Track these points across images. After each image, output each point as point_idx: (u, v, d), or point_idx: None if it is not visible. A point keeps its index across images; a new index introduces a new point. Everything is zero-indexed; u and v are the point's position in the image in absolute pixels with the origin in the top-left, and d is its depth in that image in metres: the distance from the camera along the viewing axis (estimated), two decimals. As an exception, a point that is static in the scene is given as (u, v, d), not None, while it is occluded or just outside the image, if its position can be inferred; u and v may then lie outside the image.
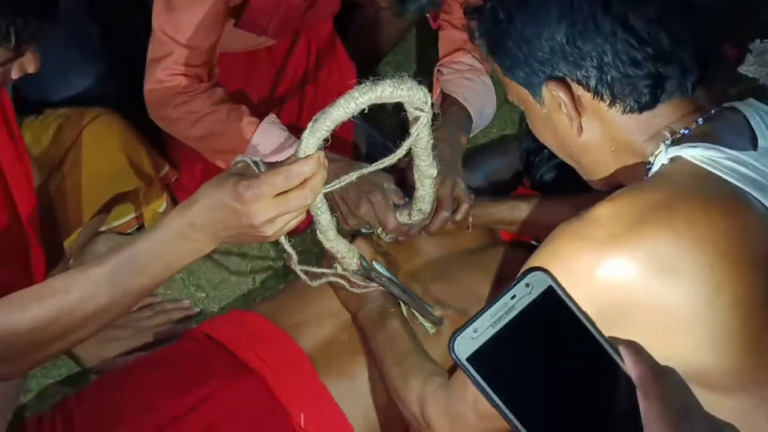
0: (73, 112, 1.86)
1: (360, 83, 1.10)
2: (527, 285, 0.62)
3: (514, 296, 0.62)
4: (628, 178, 1.14)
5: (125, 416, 1.43)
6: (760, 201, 1.00)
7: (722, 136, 1.06)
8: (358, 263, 1.42)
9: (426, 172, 1.38)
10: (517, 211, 1.67)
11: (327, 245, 1.34)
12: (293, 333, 1.54)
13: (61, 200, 1.80)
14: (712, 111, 1.11)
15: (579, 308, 0.63)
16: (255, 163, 1.10)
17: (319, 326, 1.57)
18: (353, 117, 1.14)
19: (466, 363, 0.61)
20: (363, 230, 1.62)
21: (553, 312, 0.63)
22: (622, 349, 0.63)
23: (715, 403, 0.95)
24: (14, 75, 1.31)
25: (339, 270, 1.44)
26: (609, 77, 1.07)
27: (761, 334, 0.97)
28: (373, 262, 1.49)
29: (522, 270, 0.63)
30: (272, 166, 1.10)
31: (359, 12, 2.18)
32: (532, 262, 1.05)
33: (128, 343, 1.77)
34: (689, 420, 0.62)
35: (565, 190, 1.66)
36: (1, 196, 1.51)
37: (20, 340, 1.19)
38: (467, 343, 0.61)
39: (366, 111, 1.15)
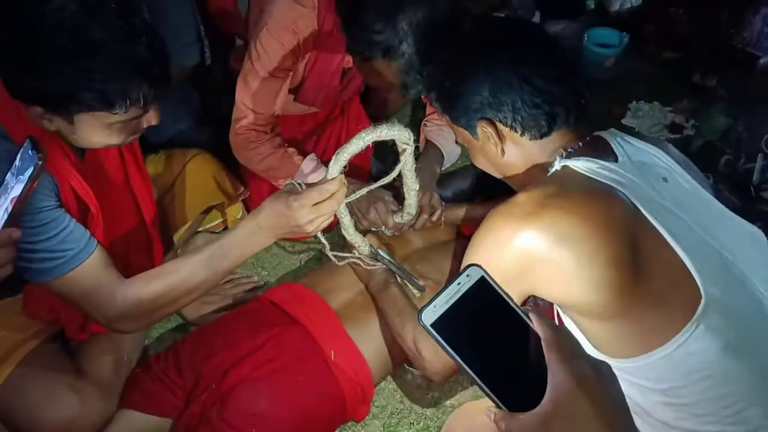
0: (179, 152, 1.87)
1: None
2: (468, 275, 0.64)
3: (460, 283, 0.64)
4: (534, 181, 1.15)
5: (215, 351, 1.51)
6: (622, 192, 1.01)
7: (595, 153, 1.09)
8: (369, 250, 1.48)
9: (411, 187, 1.46)
10: (472, 212, 1.76)
11: (348, 238, 1.41)
12: (325, 297, 1.62)
13: (172, 210, 1.83)
14: (588, 138, 1.13)
15: (501, 288, 0.65)
16: (299, 184, 1.20)
17: (343, 292, 1.63)
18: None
19: (430, 328, 0.63)
20: (372, 228, 1.68)
21: (486, 293, 0.65)
22: (531, 315, 0.65)
23: (596, 326, 1.01)
24: (143, 126, 1.28)
25: (356, 254, 1.51)
26: (520, 117, 1.10)
27: (625, 283, 0.96)
28: (379, 249, 1.56)
29: (463, 265, 0.68)
30: (309, 186, 1.19)
31: (375, 92, 2.19)
32: (476, 234, 1.08)
33: (217, 305, 1.80)
34: (576, 359, 0.63)
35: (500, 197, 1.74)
36: (134, 207, 1.52)
37: (144, 305, 1.29)
38: (430, 315, 0.63)
39: (373, 146, 1.27)
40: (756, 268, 1.04)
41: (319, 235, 1.25)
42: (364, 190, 1.30)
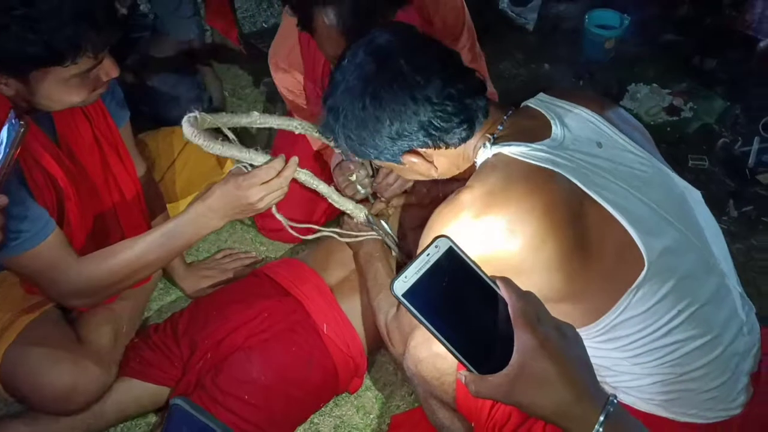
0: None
1: None
2: (436, 246, 0.66)
3: (429, 254, 0.65)
4: (469, 172, 1.13)
5: (210, 322, 1.55)
6: (559, 172, 1.00)
7: (524, 131, 1.07)
8: (364, 215, 1.45)
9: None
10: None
11: (337, 205, 1.39)
12: (321, 273, 1.65)
13: (173, 186, 1.88)
14: (510, 112, 1.11)
15: (470, 258, 0.67)
16: (245, 166, 1.21)
17: (339, 269, 1.66)
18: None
19: (401, 298, 0.64)
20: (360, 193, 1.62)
21: (454, 262, 0.66)
22: (498, 282, 0.67)
23: (550, 308, 1.04)
24: (103, 78, 1.24)
25: (344, 227, 1.53)
26: (437, 135, 1.06)
27: (575, 266, 0.98)
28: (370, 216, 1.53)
29: (432, 237, 0.67)
30: (256, 168, 1.21)
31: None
32: (424, 236, 1.07)
33: (215, 279, 1.83)
34: (542, 322, 0.66)
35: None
36: (115, 189, 1.52)
37: (99, 282, 1.34)
38: (401, 285, 0.64)
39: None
40: (690, 222, 1.07)
41: (275, 212, 1.27)
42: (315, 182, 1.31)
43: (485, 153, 1.09)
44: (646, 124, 2.30)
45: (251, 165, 1.22)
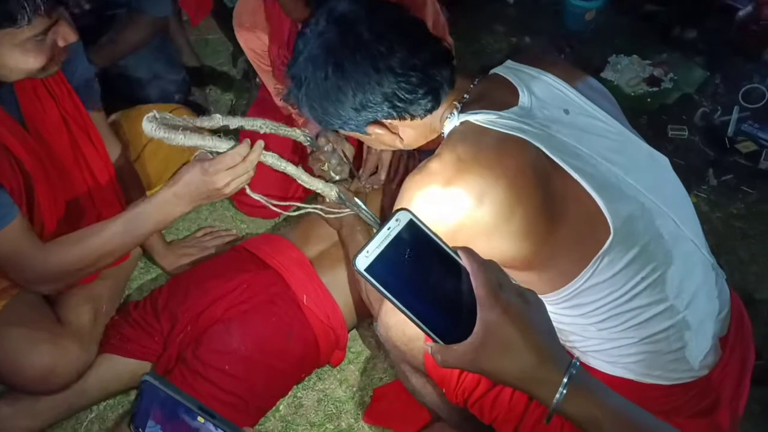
0: (156, 106, 1.75)
1: None
2: (397, 220, 0.66)
3: (390, 228, 0.65)
4: (437, 143, 1.11)
5: (190, 296, 1.56)
6: (527, 140, 1.00)
7: (492, 100, 1.05)
8: (336, 194, 1.42)
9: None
10: None
11: (306, 186, 1.36)
12: (301, 246, 1.65)
13: (151, 165, 1.84)
14: (476, 81, 1.10)
15: (430, 230, 0.67)
16: (211, 152, 1.20)
17: (319, 243, 1.67)
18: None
19: (364, 273, 0.64)
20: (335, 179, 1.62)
21: (415, 235, 0.66)
22: (459, 252, 0.68)
23: (516, 276, 1.01)
24: (60, 44, 1.22)
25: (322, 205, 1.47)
26: (401, 107, 1.04)
27: (543, 233, 0.99)
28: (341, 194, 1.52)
29: (393, 210, 0.67)
30: (221, 154, 1.19)
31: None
32: (396, 206, 1.04)
33: (195, 257, 1.84)
34: (503, 289, 0.66)
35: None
36: (87, 172, 1.52)
37: (64, 268, 1.33)
38: (363, 260, 0.64)
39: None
40: (656, 188, 1.07)
41: (249, 192, 1.25)
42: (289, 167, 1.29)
43: (452, 122, 1.08)
44: (627, 95, 2.30)
45: (215, 152, 1.20)
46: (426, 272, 0.66)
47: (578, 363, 0.68)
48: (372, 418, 1.58)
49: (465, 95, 1.09)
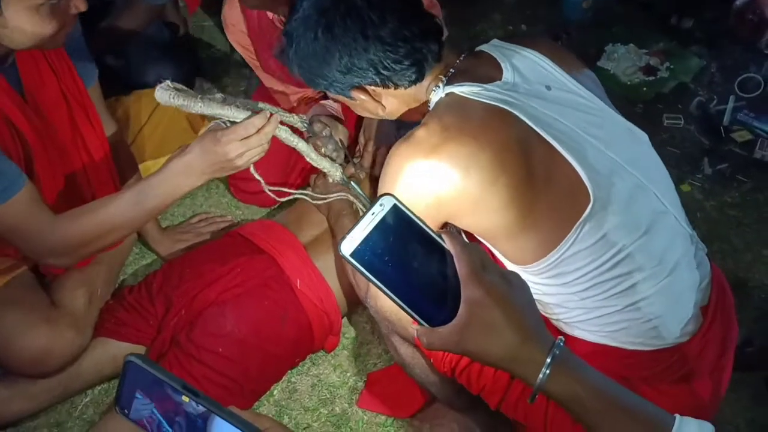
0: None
1: None
2: (381, 204, 0.66)
3: (374, 213, 0.65)
4: (421, 113, 1.14)
5: (184, 279, 1.57)
6: (511, 111, 1.03)
7: (477, 74, 1.08)
8: (340, 175, 1.43)
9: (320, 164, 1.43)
10: None
11: (314, 164, 1.38)
12: (295, 231, 1.66)
13: (144, 148, 1.86)
14: (462, 56, 1.13)
15: (414, 214, 0.67)
16: (224, 123, 1.20)
17: (311, 229, 1.67)
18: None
19: (349, 258, 0.64)
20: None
21: (399, 219, 0.66)
22: (443, 235, 0.68)
23: (506, 245, 1.09)
24: (73, 11, 1.23)
25: (312, 190, 1.52)
26: (386, 75, 1.07)
27: (526, 201, 1.02)
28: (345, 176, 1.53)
29: (378, 195, 0.67)
30: (236, 124, 1.19)
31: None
32: (383, 175, 1.08)
33: (190, 242, 1.84)
34: (486, 272, 0.67)
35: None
36: (82, 148, 1.51)
37: (73, 241, 1.31)
38: (348, 245, 0.64)
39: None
40: (635, 161, 1.10)
41: (253, 171, 1.26)
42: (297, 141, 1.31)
43: (438, 94, 1.10)
44: (623, 84, 2.31)
45: (231, 123, 1.20)
46: (410, 256, 0.67)
47: (562, 343, 0.69)
48: (366, 403, 1.59)
49: (451, 69, 1.11)
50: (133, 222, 1.32)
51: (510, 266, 1.12)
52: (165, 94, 1.17)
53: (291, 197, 1.36)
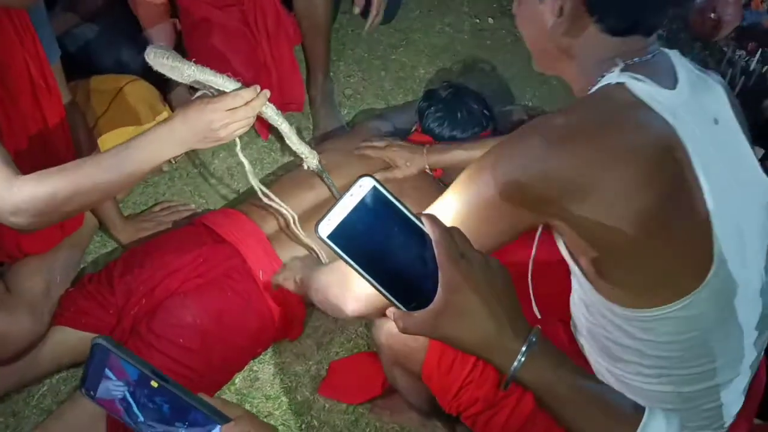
0: (115, 77, 1.86)
1: None
2: (360, 186, 0.64)
3: (352, 194, 0.64)
4: (566, 78, 1.02)
5: (146, 268, 1.55)
6: (673, 128, 0.89)
7: (657, 73, 0.94)
8: (316, 163, 1.44)
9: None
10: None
11: (293, 148, 1.38)
12: (258, 222, 1.65)
13: (105, 132, 1.78)
14: (656, 52, 0.97)
15: (394, 196, 0.65)
16: (211, 93, 1.20)
17: (275, 219, 1.67)
18: None
19: (326, 239, 0.63)
20: None
21: (379, 201, 0.64)
22: (423, 219, 0.66)
23: (611, 267, 0.94)
24: None
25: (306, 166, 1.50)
26: (600, 4, 0.92)
27: (657, 226, 0.89)
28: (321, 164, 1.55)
29: (357, 177, 0.64)
30: (225, 94, 1.18)
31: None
32: (504, 144, 0.94)
33: (153, 230, 1.83)
34: (465, 257, 0.66)
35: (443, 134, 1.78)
36: (41, 119, 1.47)
37: (41, 199, 1.22)
38: (325, 227, 0.63)
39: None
40: (762, 233, 1.00)
41: (239, 151, 1.26)
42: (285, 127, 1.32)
43: (611, 76, 0.94)
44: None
45: (214, 92, 1.19)
46: (389, 239, 0.65)
47: (538, 332, 0.68)
48: (327, 391, 1.61)
49: (635, 58, 0.95)
50: (108, 186, 1.27)
51: (597, 299, 0.99)
52: (156, 58, 1.15)
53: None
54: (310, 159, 1.39)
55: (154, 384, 0.71)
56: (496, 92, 2.26)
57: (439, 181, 1.75)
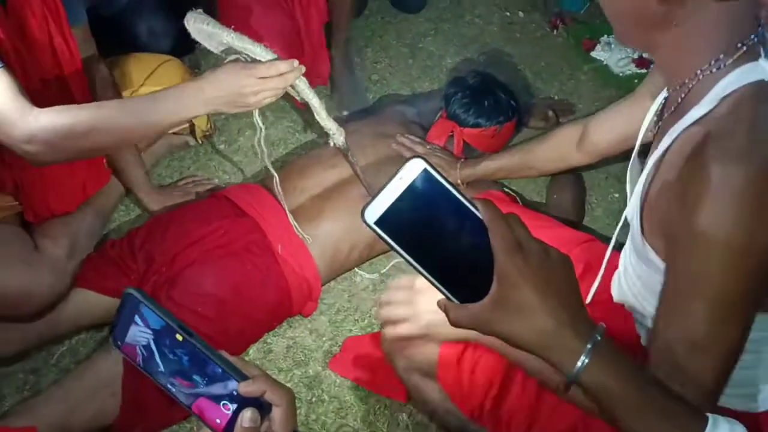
0: (151, 55, 1.93)
1: None
2: (409, 168, 0.60)
3: (401, 177, 0.60)
4: (659, 54, 0.90)
5: (168, 237, 1.58)
6: None
7: None
8: (342, 140, 1.44)
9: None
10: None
11: (321, 123, 1.39)
12: (279, 198, 1.62)
13: None
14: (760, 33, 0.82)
15: (447, 179, 0.61)
16: (245, 59, 1.20)
17: (296, 196, 1.69)
18: None
19: (373, 226, 0.60)
20: None
21: (430, 185, 0.61)
22: (477, 203, 0.61)
23: None
24: None
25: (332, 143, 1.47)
26: None
27: None
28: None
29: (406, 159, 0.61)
30: (261, 62, 1.19)
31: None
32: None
33: (179, 200, 1.85)
34: (523, 246, 0.61)
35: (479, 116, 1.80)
36: (58, 73, 1.46)
37: (57, 130, 1.20)
38: (372, 212, 0.60)
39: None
40: None
41: (257, 117, 1.27)
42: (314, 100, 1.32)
43: (752, 72, 0.79)
44: (615, 75, 2.32)
45: (248, 58, 1.20)
46: (441, 225, 0.61)
47: (603, 330, 0.64)
48: (337, 367, 1.63)
49: (747, 42, 0.81)
50: (126, 131, 1.25)
51: None
52: (198, 18, 1.17)
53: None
54: (337, 136, 1.40)
55: (179, 337, 0.71)
56: (522, 85, 2.27)
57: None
